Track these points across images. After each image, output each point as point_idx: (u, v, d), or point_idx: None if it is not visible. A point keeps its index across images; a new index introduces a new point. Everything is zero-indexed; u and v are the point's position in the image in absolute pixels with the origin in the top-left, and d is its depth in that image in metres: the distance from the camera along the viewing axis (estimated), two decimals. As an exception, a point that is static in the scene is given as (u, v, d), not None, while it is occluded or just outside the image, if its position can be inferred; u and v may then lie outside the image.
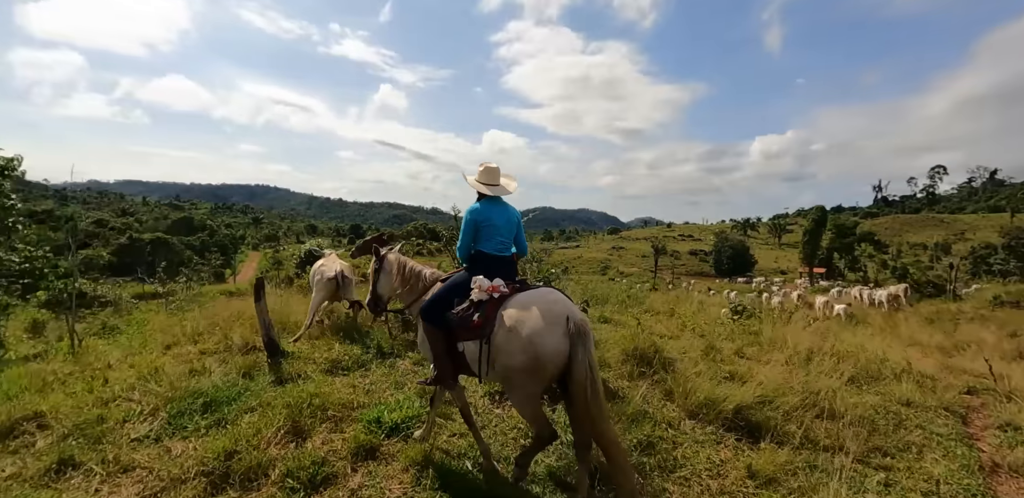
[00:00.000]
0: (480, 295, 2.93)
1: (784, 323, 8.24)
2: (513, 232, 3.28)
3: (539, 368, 2.61)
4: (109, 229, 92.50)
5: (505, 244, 3.24)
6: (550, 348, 2.59)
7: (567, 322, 2.62)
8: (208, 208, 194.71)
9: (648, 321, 7.90)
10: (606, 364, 4.95)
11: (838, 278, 55.74)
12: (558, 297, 2.84)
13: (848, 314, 18.10)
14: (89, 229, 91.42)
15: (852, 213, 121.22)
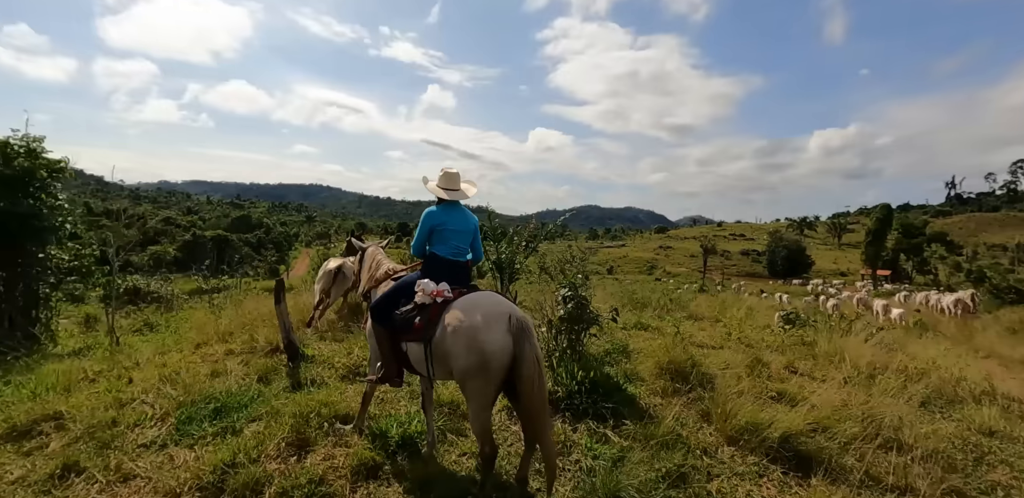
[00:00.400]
0: (424, 298, 2.95)
1: (843, 333, 7.53)
2: (469, 238, 3.32)
3: (487, 367, 2.61)
4: (176, 226, 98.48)
5: (460, 249, 3.25)
6: (495, 346, 2.61)
7: (509, 320, 2.66)
8: (266, 207, 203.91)
9: (690, 328, 7.39)
10: (638, 377, 4.56)
11: (904, 281, 52.11)
12: (499, 300, 2.88)
13: (905, 319, 16.74)
14: (158, 227, 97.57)
15: (921, 211, 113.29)
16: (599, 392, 3.83)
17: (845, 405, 3.99)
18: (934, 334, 15.71)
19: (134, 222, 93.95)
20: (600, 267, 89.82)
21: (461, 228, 3.23)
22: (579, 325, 4.22)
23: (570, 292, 4.21)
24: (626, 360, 5.10)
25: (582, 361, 4.17)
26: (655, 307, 9.56)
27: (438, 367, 2.84)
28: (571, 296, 4.20)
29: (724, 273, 75.13)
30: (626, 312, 8.76)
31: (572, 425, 3.59)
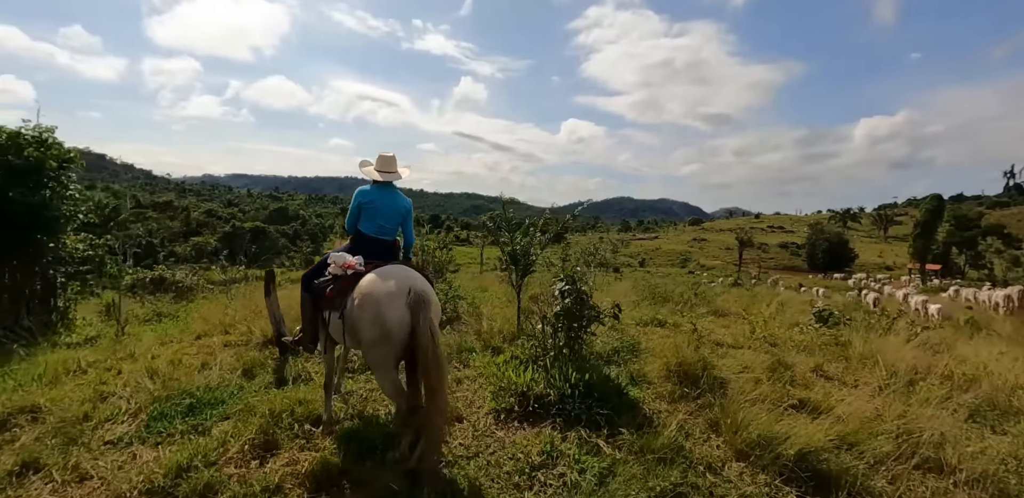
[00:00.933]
0: (336, 270, 3.15)
1: (883, 332, 6.91)
2: (397, 219, 3.47)
3: (387, 338, 2.75)
4: (217, 218, 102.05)
5: (385, 228, 3.42)
6: (394, 318, 2.73)
7: (408, 293, 2.77)
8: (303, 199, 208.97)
9: (711, 325, 6.91)
10: (645, 380, 4.17)
11: (956, 276, 49.23)
12: (404, 274, 2.96)
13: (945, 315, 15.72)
14: (200, 218, 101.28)
15: (976, 202, 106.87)
16: (594, 396, 3.47)
17: (878, 417, 3.51)
18: (987, 334, 14.60)
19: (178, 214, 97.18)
20: (632, 259, 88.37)
21: (388, 209, 3.39)
22: (578, 322, 3.86)
23: (568, 286, 3.85)
24: (635, 360, 4.71)
25: (579, 361, 3.81)
26: (678, 301, 9.07)
27: (350, 337, 2.97)
28: (569, 290, 3.84)
29: (761, 266, 72.77)
30: (645, 307, 8.33)
31: (562, 433, 3.25)
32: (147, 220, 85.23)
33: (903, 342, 6.34)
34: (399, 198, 3.48)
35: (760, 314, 7.78)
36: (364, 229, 3.40)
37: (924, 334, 7.89)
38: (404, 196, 3.53)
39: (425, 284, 2.93)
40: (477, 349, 4.97)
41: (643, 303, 8.86)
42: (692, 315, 7.53)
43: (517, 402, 3.56)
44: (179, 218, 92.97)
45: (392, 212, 3.42)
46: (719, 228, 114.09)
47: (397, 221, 3.48)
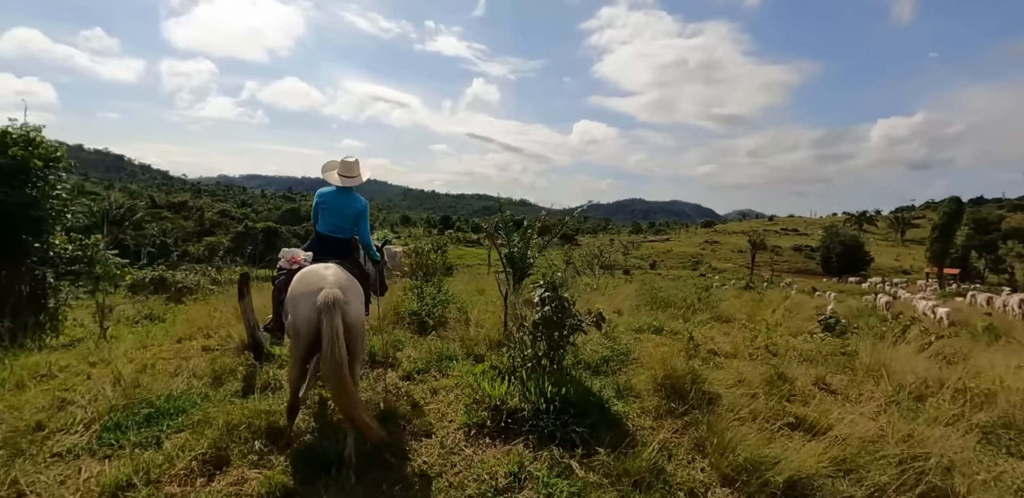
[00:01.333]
0: (284, 264, 3.45)
1: (894, 341, 6.57)
2: (351, 219, 3.67)
3: (298, 333, 2.89)
4: (230, 218, 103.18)
5: (339, 227, 3.65)
6: (302, 316, 2.86)
7: (318, 293, 2.83)
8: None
9: (712, 332, 6.62)
10: (633, 393, 3.92)
11: (976, 281, 48.03)
12: (323, 274, 3.03)
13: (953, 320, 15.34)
14: (214, 218, 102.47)
15: (997, 205, 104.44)
16: (570, 412, 3.23)
17: (881, 438, 3.23)
18: (1007, 341, 14.05)
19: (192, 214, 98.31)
20: (643, 262, 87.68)
21: (342, 209, 3.64)
22: (559, 331, 3.62)
23: (548, 293, 3.61)
24: (624, 370, 4.46)
25: (559, 373, 3.57)
26: (680, 307, 8.76)
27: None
28: (549, 297, 3.60)
29: (774, 269, 71.71)
30: (646, 312, 8.05)
31: (534, 452, 3.01)
32: (162, 220, 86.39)
33: (915, 352, 6.01)
34: (354, 199, 3.71)
35: (764, 321, 7.47)
36: (320, 228, 3.67)
37: (938, 343, 7.53)
38: (360, 198, 3.77)
39: (341, 285, 2.94)
40: (459, 357, 4.75)
41: (645, 308, 8.59)
42: (693, 322, 7.25)
43: (490, 416, 3.34)
44: (193, 218, 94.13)
45: (346, 212, 3.65)
46: (731, 230, 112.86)
47: (351, 221, 3.68)
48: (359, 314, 3.01)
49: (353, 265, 3.56)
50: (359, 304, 3.07)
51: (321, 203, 3.67)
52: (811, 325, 8.51)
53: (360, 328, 3.00)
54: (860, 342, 6.00)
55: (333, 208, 3.64)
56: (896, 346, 6.21)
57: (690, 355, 4.90)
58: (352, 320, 2.89)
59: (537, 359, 3.59)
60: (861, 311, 23.70)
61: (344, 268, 3.24)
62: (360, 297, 3.13)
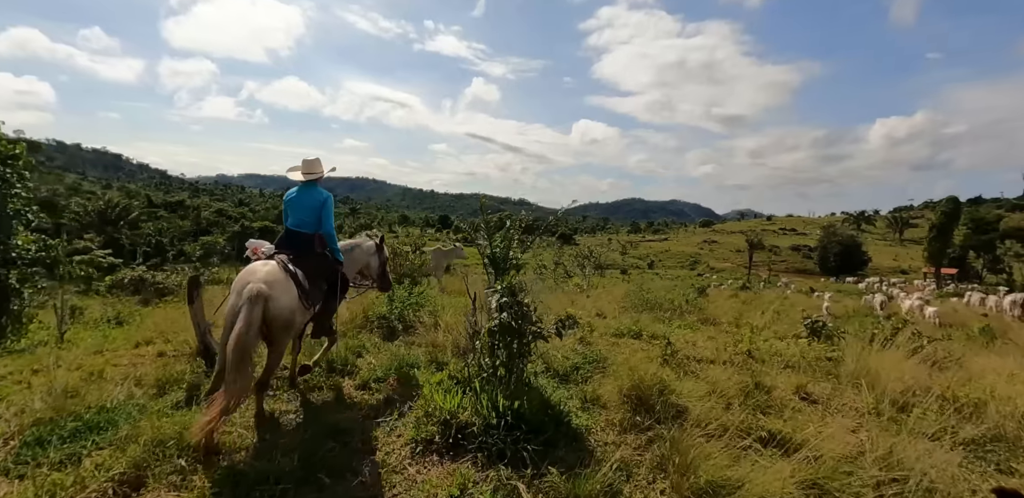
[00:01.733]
0: (248, 254, 3.83)
1: (882, 345, 6.34)
2: (314, 212, 3.79)
3: (226, 321, 3.12)
4: (227, 218, 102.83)
5: (303, 221, 3.79)
6: (229, 306, 3.14)
7: (244, 287, 3.09)
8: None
9: (695, 336, 6.39)
10: (599, 403, 3.68)
11: (974, 281, 47.81)
12: (260, 268, 3.28)
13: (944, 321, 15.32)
14: (211, 218, 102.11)
15: (995, 205, 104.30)
16: (522, 428, 2.99)
17: (859, 454, 3.00)
18: (1002, 343, 13.82)
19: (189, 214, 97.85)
20: (641, 261, 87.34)
21: (305, 202, 3.79)
22: (518, 339, 3.38)
23: (506, 298, 3.37)
24: (595, 378, 4.22)
25: (516, 384, 3.33)
26: (667, 309, 8.53)
27: None
28: (507, 303, 3.36)
29: (771, 269, 71.50)
30: (632, 314, 7.83)
31: (481, 471, 2.78)
32: (158, 219, 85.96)
33: (904, 357, 5.78)
34: (316, 193, 3.84)
35: (750, 324, 7.24)
36: (287, 223, 3.86)
37: (930, 346, 7.31)
38: (322, 191, 3.88)
39: (268, 280, 3.15)
40: (422, 365, 4.51)
41: (632, 310, 8.37)
42: (677, 325, 7.02)
43: (439, 431, 3.10)
44: (190, 217, 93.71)
45: (309, 205, 3.78)
46: (730, 230, 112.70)
47: (314, 214, 3.80)
48: (284, 309, 3.18)
49: (316, 260, 3.73)
50: (288, 299, 3.22)
51: (287, 201, 3.87)
52: (800, 328, 8.30)
53: (285, 322, 3.18)
54: (847, 346, 5.77)
55: (297, 203, 3.81)
56: (884, 350, 5.98)
57: (666, 361, 4.68)
58: (275, 314, 3.12)
59: (493, 369, 3.34)
60: (857, 311, 23.49)
61: (297, 263, 3.51)
62: (290, 293, 3.27)
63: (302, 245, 3.73)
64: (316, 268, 3.67)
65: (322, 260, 3.80)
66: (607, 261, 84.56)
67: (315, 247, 3.78)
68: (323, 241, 3.84)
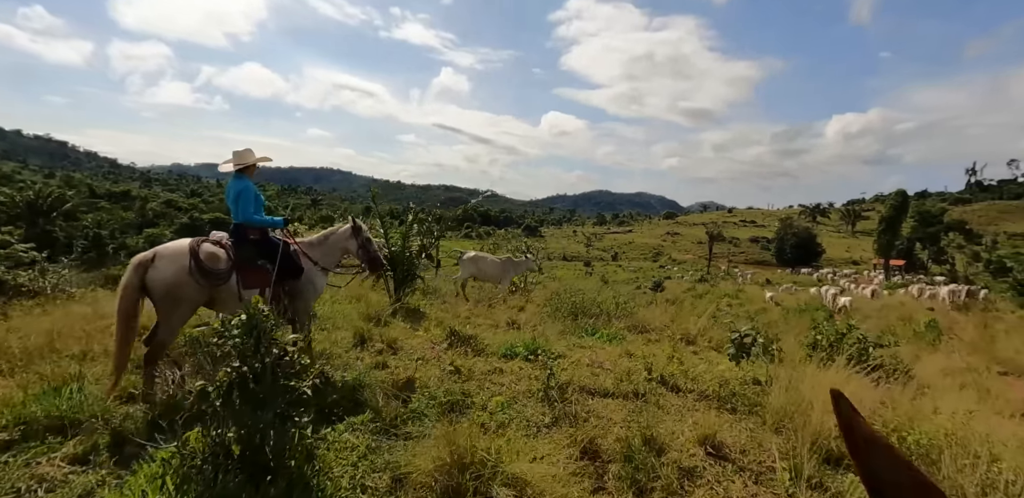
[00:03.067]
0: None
1: (822, 360, 5.48)
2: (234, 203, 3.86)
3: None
4: (176, 209, 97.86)
5: (231, 211, 3.92)
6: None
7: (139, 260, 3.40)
8: (276, 190, 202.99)
9: (610, 353, 5.37)
10: (407, 482, 2.55)
11: (920, 271, 49.29)
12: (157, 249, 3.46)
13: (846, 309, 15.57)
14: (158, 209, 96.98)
15: (940, 199, 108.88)
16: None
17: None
18: (949, 339, 13.55)
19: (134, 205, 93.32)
20: (604, 253, 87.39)
21: (229, 195, 3.91)
22: (262, 383, 2.23)
23: (243, 339, 2.20)
24: (436, 431, 3.10)
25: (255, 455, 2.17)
26: (593, 314, 7.51)
27: None
28: (248, 347, 2.20)
29: (731, 261, 72.50)
30: (550, 323, 6.79)
31: None
32: (99, 210, 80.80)
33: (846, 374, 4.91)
34: (236, 183, 3.86)
35: (680, 334, 6.31)
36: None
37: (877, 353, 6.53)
38: (243, 180, 3.86)
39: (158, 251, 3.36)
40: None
41: (556, 316, 7.32)
42: (599, 335, 6.01)
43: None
44: (134, 209, 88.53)
45: (231, 196, 3.86)
46: (692, 222, 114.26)
47: (235, 206, 3.83)
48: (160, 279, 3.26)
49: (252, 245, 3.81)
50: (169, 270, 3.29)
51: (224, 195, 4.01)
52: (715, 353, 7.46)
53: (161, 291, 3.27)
54: (779, 365, 4.84)
55: (226, 194, 3.92)
56: (824, 369, 5.11)
57: (548, 397, 3.62)
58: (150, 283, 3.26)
59: (223, 444, 2.17)
60: (808, 304, 23.33)
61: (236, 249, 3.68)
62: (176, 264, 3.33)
63: (237, 233, 3.84)
64: (256, 253, 3.81)
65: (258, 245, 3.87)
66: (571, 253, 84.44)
67: (247, 234, 3.84)
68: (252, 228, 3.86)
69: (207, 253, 3.47)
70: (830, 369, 5.12)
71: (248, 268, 3.69)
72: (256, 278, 3.73)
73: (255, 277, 3.73)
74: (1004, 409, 6.29)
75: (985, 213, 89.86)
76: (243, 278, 3.62)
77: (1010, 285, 21.48)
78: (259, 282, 3.73)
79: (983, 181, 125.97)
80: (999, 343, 11.32)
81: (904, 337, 13.28)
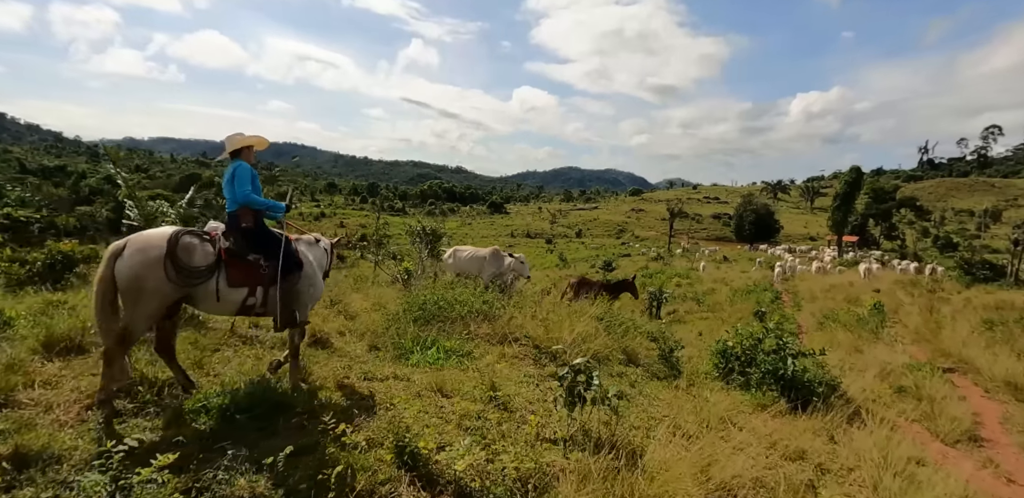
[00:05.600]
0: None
1: (729, 377, 4.12)
2: (230, 188, 3.44)
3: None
4: (115, 185, 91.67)
5: (229, 200, 3.48)
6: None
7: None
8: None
9: (403, 390, 3.85)
10: None
11: (872, 247, 49.94)
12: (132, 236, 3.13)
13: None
14: (95, 185, 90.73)
15: (893, 176, 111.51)
16: None
17: None
18: (892, 325, 12.72)
19: (67, 181, 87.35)
20: (569, 230, 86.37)
21: (225, 182, 3.48)
22: None
23: None
24: None
25: None
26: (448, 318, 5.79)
27: None
28: None
29: (692, 237, 72.56)
30: (395, 329, 5.24)
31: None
32: (24, 186, 74.78)
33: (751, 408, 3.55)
34: (230, 167, 3.51)
35: (552, 340, 4.85)
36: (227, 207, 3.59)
37: (800, 364, 5.26)
38: (237, 163, 3.51)
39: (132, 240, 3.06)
40: None
41: (400, 320, 5.53)
42: (434, 353, 4.51)
43: None
44: (67, 185, 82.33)
45: (227, 181, 3.49)
46: (658, 199, 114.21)
47: (230, 190, 3.45)
48: (126, 269, 2.98)
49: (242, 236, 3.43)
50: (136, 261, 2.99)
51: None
52: (639, 340, 6.07)
53: (124, 283, 2.97)
54: (631, 404, 3.40)
55: (224, 183, 3.50)
56: (727, 391, 3.74)
57: None
58: (116, 273, 2.98)
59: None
60: (758, 284, 22.62)
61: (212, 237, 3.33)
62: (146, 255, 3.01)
63: (231, 224, 3.48)
64: (247, 246, 3.42)
65: (251, 236, 3.47)
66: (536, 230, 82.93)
67: (239, 223, 3.47)
68: (245, 215, 3.46)
69: (185, 246, 3.12)
70: (723, 400, 3.76)
71: (237, 263, 3.33)
72: (244, 275, 3.34)
73: (243, 274, 3.34)
74: (949, 431, 5.16)
75: (935, 190, 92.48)
76: (229, 275, 3.26)
77: (956, 263, 21.10)
78: (248, 280, 3.35)
79: (934, 159, 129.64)
80: (945, 331, 10.43)
81: (846, 323, 12.43)
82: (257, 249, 3.44)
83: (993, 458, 4.63)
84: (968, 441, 5.04)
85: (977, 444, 5.02)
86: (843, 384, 5.45)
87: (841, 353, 9.84)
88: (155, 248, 3.01)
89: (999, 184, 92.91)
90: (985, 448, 4.98)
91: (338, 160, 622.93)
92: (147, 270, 2.97)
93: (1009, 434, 5.35)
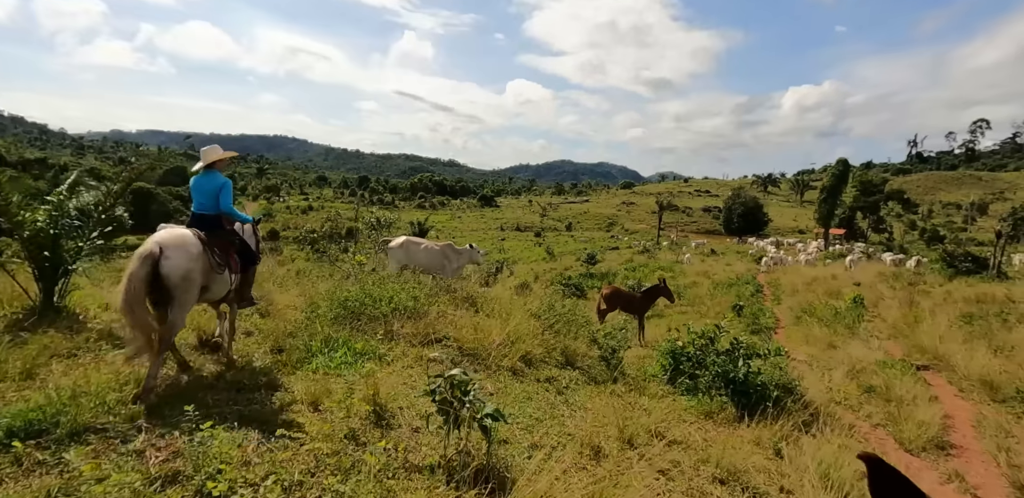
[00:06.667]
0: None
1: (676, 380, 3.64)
2: (212, 198, 3.91)
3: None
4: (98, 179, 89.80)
5: (204, 204, 3.93)
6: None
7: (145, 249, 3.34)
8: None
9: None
10: None
11: (860, 240, 49.84)
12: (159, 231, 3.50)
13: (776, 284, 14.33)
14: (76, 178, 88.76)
15: (883, 169, 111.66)
16: None
17: None
18: (871, 320, 12.38)
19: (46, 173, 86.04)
20: (559, 223, 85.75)
21: (204, 189, 3.90)
22: None
23: None
24: None
25: None
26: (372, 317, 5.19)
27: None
28: None
29: (682, 230, 72.29)
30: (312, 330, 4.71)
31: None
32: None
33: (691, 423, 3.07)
34: (214, 179, 3.94)
35: (480, 340, 4.35)
36: (193, 208, 3.98)
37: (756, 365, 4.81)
38: (220, 177, 3.96)
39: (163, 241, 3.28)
40: None
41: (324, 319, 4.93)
42: (338, 357, 4.00)
43: None
44: (46, 178, 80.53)
45: (208, 189, 3.89)
46: (649, 192, 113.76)
47: (213, 197, 3.89)
48: (176, 267, 3.26)
49: (227, 235, 3.95)
50: (182, 259, 3.29)
51: (191, 186, 3.96)
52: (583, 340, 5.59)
53: (177, 279, 3.26)
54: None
55: (198, 189, 3.90)
56: (664, 399, 3.25)
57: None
58: (167, 272, 3.23)
59: None
60: (740, 278, 22.27)
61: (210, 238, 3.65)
62: (187, 252, 3.34)
63: (210, 224, 3.88)
64: (230, 243, 3.91)
65: (232, 235, 4.03)
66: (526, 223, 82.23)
67: (224, 224, 3.99)
68: (229, 219, 4.04)
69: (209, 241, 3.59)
70: (662, 407, 3.29)
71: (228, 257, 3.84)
72: (233, 264, 3.89)
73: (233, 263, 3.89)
74: (915, 437, 4.73)
75: (923, 183, 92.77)
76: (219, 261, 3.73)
77: (939, 255, 20.81)
78: (233, 269, 3.88)
79: (923, 152, 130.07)
80: (923, 325, 10.04)
81: (823, 318, 12.08)
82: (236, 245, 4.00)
83: (960, 469, 4.20)
84: (935, 449, 4.62)
85: (944, 452, 4.60)
86: (802, 386, 5.00)
87: (813, 349, 9.43)
88: (193, 245, 3.41)
89: (986, 177, 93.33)
90: (953, 456, 4.55)
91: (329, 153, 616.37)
92: (194, 263, 3.36)
93: (980, 439, 4.93)
